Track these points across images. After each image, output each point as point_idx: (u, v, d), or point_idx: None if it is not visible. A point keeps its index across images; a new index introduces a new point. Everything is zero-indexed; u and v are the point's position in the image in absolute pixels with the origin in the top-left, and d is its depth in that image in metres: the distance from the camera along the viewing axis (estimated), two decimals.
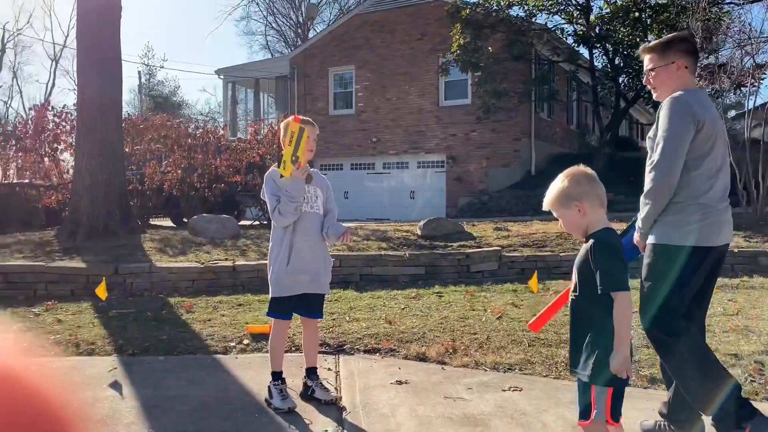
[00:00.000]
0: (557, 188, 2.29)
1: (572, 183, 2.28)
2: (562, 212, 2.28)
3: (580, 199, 2.24)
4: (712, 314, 5.40)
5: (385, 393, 3.56)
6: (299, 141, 3.18)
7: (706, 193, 2.68)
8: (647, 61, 2.83)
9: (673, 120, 2.62)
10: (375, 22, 19.70)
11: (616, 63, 16.90)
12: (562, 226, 2.32)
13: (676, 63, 2.74)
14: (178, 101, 43.77)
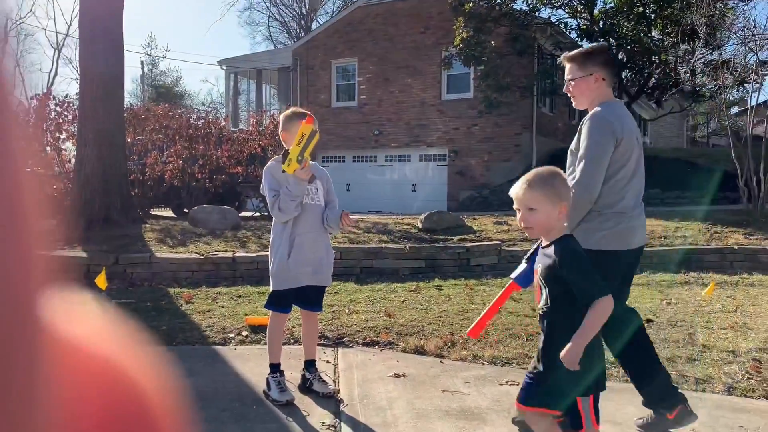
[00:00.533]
0: (550, 183, 2.23)
1: (563, 183, 2.27)
2: (546, 209, 2.18)
3: (565, 201, 2.23)
4: (711, 311, 5.42)
5: (383, 386, 3.58)
6: (308, 143, 3.14)
7: (621, 201, 2.82)
8: (567, 70, 2.95)
9: (594, 138, 2.76)
10: (378, 15, 19.64)
11: (620, 58, 16.84)
12: (526, 221, 2.20)
13: (594, 75, 2.86)
14: (181, 92, 43.72)
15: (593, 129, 2.77)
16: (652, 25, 16.03)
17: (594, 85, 2.88)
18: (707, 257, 8.02)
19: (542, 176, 2.24)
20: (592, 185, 2.75)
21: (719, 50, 14.18)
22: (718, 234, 8.77)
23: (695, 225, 9.28)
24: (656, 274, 7.44)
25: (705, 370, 3.76)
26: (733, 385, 3.53)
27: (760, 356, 4.01)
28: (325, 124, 18.49)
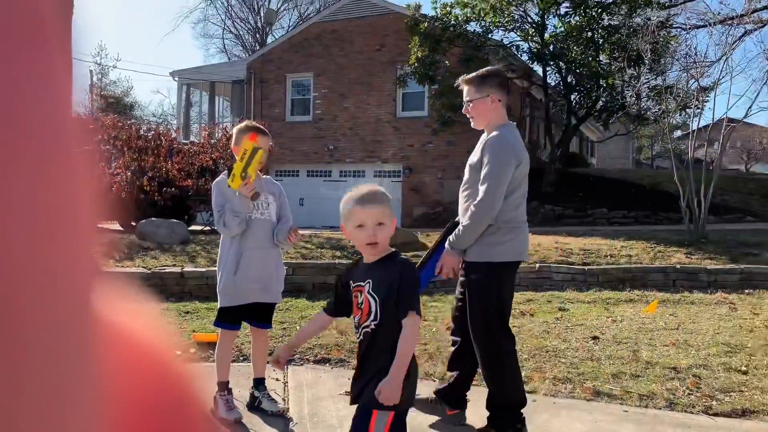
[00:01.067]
0: (388, 199, 2.25)
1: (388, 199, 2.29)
2: (390, 224, 2.20)
3: (394, 216, 2.26)
4: (654, 328, 5.58)
5: (333, 404, 3.54)
6: (251, 159, 3.11)
7: (517, 216, 3.07)
8: (465, 92, 3.11)
9: (499, 160, 2.95)
10: (334, 31, 19.72)
11: (569, 81, 17.34)
12: (376, 237, 2.18)
13: (490, 96, 3.05)
14: (131, 102, 42.79)
15: (498, 152, 2.96)
16: (600, 50, 16.57)
17: (491, 106, 3.06)
18: (651, 276, 8.26)
19: (383, 192, 2.27)
20: (495, 204, 2.94)
21: (663, 76, 14.75)
22: (661, 253, 9.05)
23: (640, 244, 9.56)
24: (602, 291, 7.62)
25: (648, 386, 3.86)
26: (675, 401, 3.63)
27: (699, 372, 4.14)
28: (279, 138, 18.38)
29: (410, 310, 2.11)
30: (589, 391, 3.78)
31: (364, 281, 2.21)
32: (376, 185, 2.32)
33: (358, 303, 2.22)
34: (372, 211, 2.18)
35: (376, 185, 2.33)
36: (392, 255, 2.24)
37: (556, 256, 8.69)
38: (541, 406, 3.52)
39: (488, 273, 2.99)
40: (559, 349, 4.73)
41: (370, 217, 2.18)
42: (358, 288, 2.23)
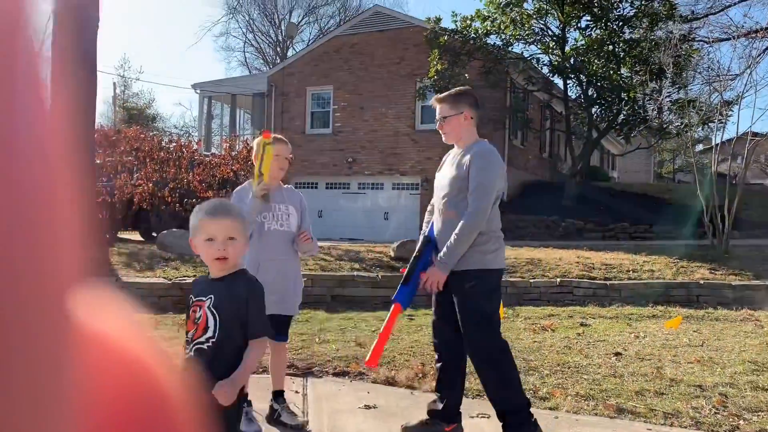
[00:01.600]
0: (238, 213, 2.22)
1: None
2: (243, 239, 2.15)
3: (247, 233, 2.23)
4: (678, 345, 5.49)
5: (353, 418, 3.52)
6: (263, 155, 3.14)
7: (499, 225, 3.22)
8: (439, 110, 3.25)
9: (489, 171, 3.08)
10: (354, 45, 19.85)
11: (590, 94, 17.26)
12: (226, 250, 2.09)
13: (464, 113, 3.18)
14: (153, 114, 43.35)
15: (487, 163, 3.10)
16: (621, 64, 16.49)
17: (464, 123, 3.19)
18: (674, 291, 8.15)
19: (235, 206, 2.27)
20: (486, 214, 3.06)
21: (685, 89, 14.62)
22: (684, 268, 8.93)
23: (662, 259, 9.44)
24: (624, 307, 7.52)
25: (673, 404, 3.78)
26: (701, 420, 3.55)
27: (726, 391, 4.06)
28: (299, 150, 18.48)
29: (261, 334, 2.09)
30: (612, 408, 3.71)
31: (206, 296, 2.10)
32: (226, 201, 2.28)
33: (195, 318, 2.09)
34: (223, 224, 2.09)
35: (225, 200, 2.30)
36: (241, 272, 2.17)
37: (578, 271, 8.60)
38: (564, 423, 3.47)
39: (484, 279, 3.09)
40: (581, 365, 4.66)
41: (221, 230, 2.08)
42: (198, 303, 2.12)
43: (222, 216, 2.10)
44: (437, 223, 3.24)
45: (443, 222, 3.17)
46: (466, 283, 3.07)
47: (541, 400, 3.87)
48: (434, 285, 3.12)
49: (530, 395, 3.94)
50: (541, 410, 3.70)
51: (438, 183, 3.30)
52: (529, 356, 4.91)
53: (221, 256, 2.07)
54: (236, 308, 2.07)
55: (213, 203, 2.21)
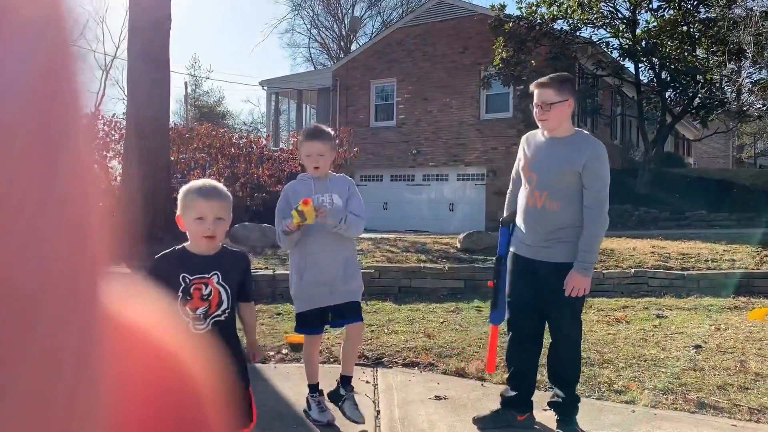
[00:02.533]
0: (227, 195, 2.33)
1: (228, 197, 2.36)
2: (229, 219, 2.31)
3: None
4: (763, 338, 5.23)
5: (423, 408, 3.53)
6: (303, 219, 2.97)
7: None
8: (543, 94, 3.13)
9: (607, 168, 3.12)
10: (417, 36, 19.77)
11: (663, 77, 16.58)
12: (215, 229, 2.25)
13: (569, 101, 3.13)
14: (223, 111, 44.59)
15: (606, 160, 3.13)
16: (696, 45, 15.76)
17: (568, 111, 3.15)
18: (757, 282, 7.75)
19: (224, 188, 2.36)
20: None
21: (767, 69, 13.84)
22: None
23: (744, 248, 8.99)
24: (703, 298, 7.22)
25: (759, 400, 3.61)
26: None
27: None
28: (363, 143, 18.60)
29: (251, 299, 2.49)
30: (693, 402, 3.58)
31: (210, 273, 2.26)
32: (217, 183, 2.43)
33: (202, 295, 2.25)
34: (213, 205, 2.23)
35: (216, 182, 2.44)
36: (224, 248, 2.37)
37: (653, 261, 8.31)
38: (641, 418, 3.37)
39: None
40: (658, 358, 4.51)
41: (212, 210, 2.23)
42: (201, 281, 2.25)
43: (213, 198, 2.24)
44: (530, 212, 3.19)
45: (541, 211, 3.14)
46: (563, 274, 3.09)
47: (617, 393, 3.77)
48: (581, 292, 3.08)
49: (605, 388, 3.85)
50: (617, 404, 3.61)
51: (536, 171, 3.18)
52: (603, 348, 4.79)
53: (210, 234, 2.24)
54: (239, 280, 2.35)
55: (203, 183, 2.34)
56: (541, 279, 3.16)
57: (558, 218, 3.10)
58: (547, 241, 3.13)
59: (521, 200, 3.29)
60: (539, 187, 3.13)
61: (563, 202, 3.08)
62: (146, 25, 9.35)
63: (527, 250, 3.21)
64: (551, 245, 3.12)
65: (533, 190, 3.16)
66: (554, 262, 3.11)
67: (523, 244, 3.24)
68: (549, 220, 3.11)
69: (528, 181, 3.21)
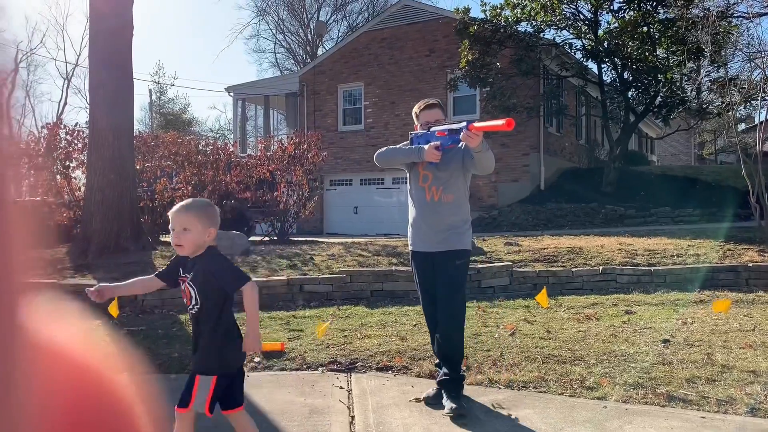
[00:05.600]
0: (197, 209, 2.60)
1: (214, 211, 2.65)
2: (199, 229, 2.53)
3: (214, 227, 2.60)
4: (728, 330, 5.34)
5: (398, 412, 3.52)
6: None
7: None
8: (434, 114, 3.72)
9: None
10: (383, 39, 19.82)
11: (625, 77, 16.89)
12: (180, 238, 2.55)
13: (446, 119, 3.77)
14: (189, 118, 44.10)
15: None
16: (657, 45, 16.09)
17: None
18: (721, 275, 7.93)
19: (198, 205, 2.66)
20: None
21: (725, 67, 14.20)
22: (731, 251, 8.68)
23: (707, 243, 9.20)
24: (670, 293, 7.36)
25: (726, 391, 3.68)
26: (756, 406, 3.45)
27: None
28: (332, 148, 18.56)
29: (242, 284, 2.53)
30: (663, 396, 3.63)
31: (189, 273, 2.59)
32: (201, 199, 2.77)
33: (183, 290, 2.62)
34: (178, 218, 2.55)
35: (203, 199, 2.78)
36: (208, 250, 2.60)
37: (620, 258, 8.45)
38: (613, 413, 3.41)
39: (469, 257, 3.77)
40: (628, 354, 4.58)
41: (177, 222, 2.55)
42: (183, 278, 2.61)
43: (178, 212, 2.56)
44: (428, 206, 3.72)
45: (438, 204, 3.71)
46: (457, 260, 3.60)
47: (589, 389, 3.81)
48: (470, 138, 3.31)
49: (577, 385, 3.89)
50: (589, 400, 3.65)
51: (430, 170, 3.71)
52: (574, 346, 4.84)
53: (177, 243, 2.56)
54: (202, 280, 2.54)
55: (183, 202, 2.66)
56: (436, 266, 3.61)
57: (451, 210, 3.60)
58: (443, 232, 3.59)
59: (416, 197, 3.71)
60: (435, 183, 3.61)
61: (455, 195, 3.61)
62: (107, 31, 9.18)
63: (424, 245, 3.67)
64: (446, 236, 3.58)
65: (430, 186, 3.62)
66: (454, 249, 3.58)
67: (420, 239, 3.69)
68: (445, 212, 3.60)
69: (423, 179, 3.65)
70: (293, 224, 12.50)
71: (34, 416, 0.30)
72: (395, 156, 3.78)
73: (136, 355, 4.79)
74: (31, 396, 0.29)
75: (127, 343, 5.17)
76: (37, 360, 0.31)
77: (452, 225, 3.61)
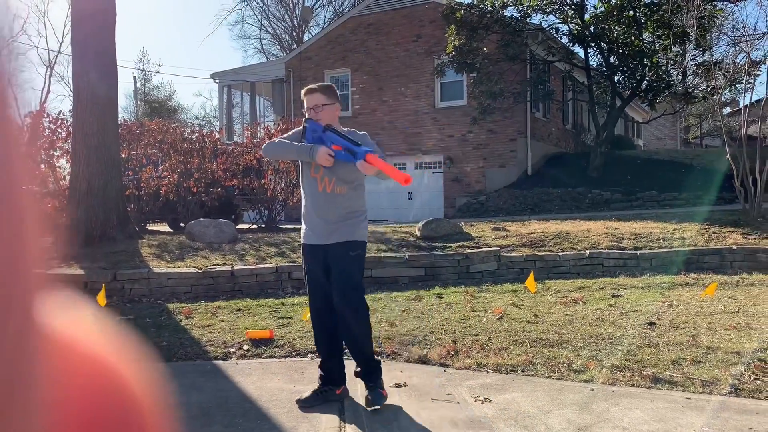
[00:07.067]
0: None
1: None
2: None
3: None
4: (713, 312, 5.40)
5: (388, 397, 3.54)
6: None
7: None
8: (315, 98, 3.59)
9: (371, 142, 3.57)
10: (370, 25, 19.69)
11: (612, 62, 16.92)
12: None
13: (335, 104, 3.66)
14: (174, 106, 43.68)
15: (369, 140, 3.60)
16: (643, 29, 16.11)
17: (336, 113, 3.68)
18: (707, 258, 8.02)
19: None
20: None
21: (710, 51, 14.26)
22: (716, 234, 8.77)
23: (693, 226, 9.29)
24: (656, 276, 7.43)
25: (711, 372, 3.74)
26: (740, 387, 3.50)
27: (765, 356, 3.99)
28: None
29: None
30: (649, 378, 3.68)
31: None
32: None
33: None
34: None
35: None
36: None
37: (607, 242, 8.51)
38: (600, 395, 3.45)
39: (364, 249, 3.59)
40: (614, 337, 4.63)
41: None
42: None
43: None
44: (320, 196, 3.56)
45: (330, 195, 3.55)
46: (351, 251, 3.48)
47: (576, 372, 3.85)
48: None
49: (564, 368, 3.93)
50: (576, 383, 3.69)
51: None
52: (561, 329, 4.88)
53: None
54: None
55: None
56: (330, 259, 3.47)
57: (344, 201, 3.49)
58: (334, 224, 3.48)
59: (307, 187, 3.58)
60: (327, 174, 3.49)
61: (348, 186, 3.52)
62: (90, 17, 9.05)
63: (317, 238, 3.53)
64: (339, 227, 3.48)
65: (322, 177, 3.50)
66: (350, 240, 3.47)
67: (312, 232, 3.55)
68: (338, 204, 3.49)
69: (315, 170, 3.52)
70: (281, 212, 12.47)
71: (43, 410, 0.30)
72: (285, 152, 3.63)
73: (131, 343, 4.78)
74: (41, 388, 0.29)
75: (120, 332, 5.16)
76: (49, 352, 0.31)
77: (345, 216, 3.49)
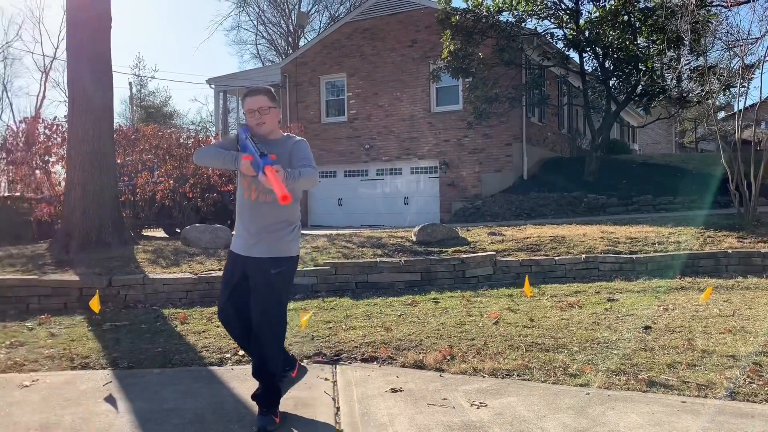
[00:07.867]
0: None
1: None
2: None
3: None
4: (708, 316, 5.41)
5: (383, 402, 3.53)
6: None
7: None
8: (259, 101, 3.31)
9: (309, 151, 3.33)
10: (365, 30, 19.74)
11: (607, 66, 16.98)
12: None
13: (279, 109, 3.45)
14: (170, 111, 43.69)
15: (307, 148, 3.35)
16: (637, 33, 16.18)
17: (277, 117, 3.42)
18: (702, 262, 8.04)
19: None
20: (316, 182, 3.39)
21: (705, 56, 14.32)
22: (711, 238, 8.79)
23: (688, 230, 9.31)
24: (651, 280, 7.44)
25: (706, 376, 3.74)
26: (736, 390, 3.51)
27: (760, 360, 4.00)
28: (315, 140, 18.49)
29: None
30: (644, 382, 3.68)
31: None
32: None
33: None
34: None
35: None
36: None
37: (603, 246, 8.52)
38: (595, 399, 3.45)
39: (293, 264, 3.38)
40: (610, 341, 4.63)
41: None
42: None
43: None
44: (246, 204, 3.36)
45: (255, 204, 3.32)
46: (280, 267, 3.27)
47: (571, 377, 3.85)
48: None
49: (560, 372, 3.93)
50: (572, 387, 3.69)
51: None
52: (557, 334, 4.88)
53: None
54: None
55: None
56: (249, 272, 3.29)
57: (270, 211, 3.25)
58: (257, 236, 3.27)
59: (238, 193, 3.41)
60: (253, 182, 3.20)
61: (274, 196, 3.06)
62: (85, 22, 9.04)
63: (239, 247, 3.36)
64: (261, 239, 3.26)
65: (250, 184, 3.27)
66: (277, 257, 3.25)
67: (237, 239, 3.40)
68: (263, 213, 3.26)
69: (244, 177, 3.28)
70: None
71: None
72: (213, 160, 3.40)
73: (119, 350, 4.76)
74: None
75: (110, 339, 5.14)
76: None
77: (269, 228, 3.25)
